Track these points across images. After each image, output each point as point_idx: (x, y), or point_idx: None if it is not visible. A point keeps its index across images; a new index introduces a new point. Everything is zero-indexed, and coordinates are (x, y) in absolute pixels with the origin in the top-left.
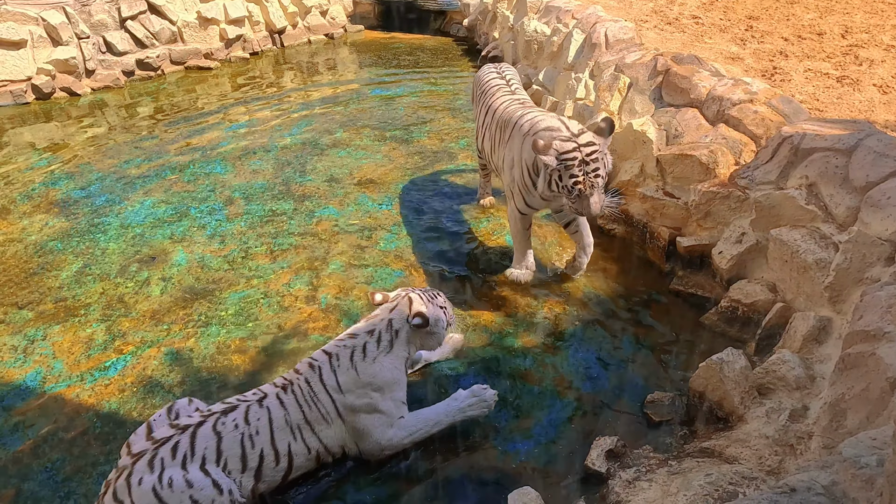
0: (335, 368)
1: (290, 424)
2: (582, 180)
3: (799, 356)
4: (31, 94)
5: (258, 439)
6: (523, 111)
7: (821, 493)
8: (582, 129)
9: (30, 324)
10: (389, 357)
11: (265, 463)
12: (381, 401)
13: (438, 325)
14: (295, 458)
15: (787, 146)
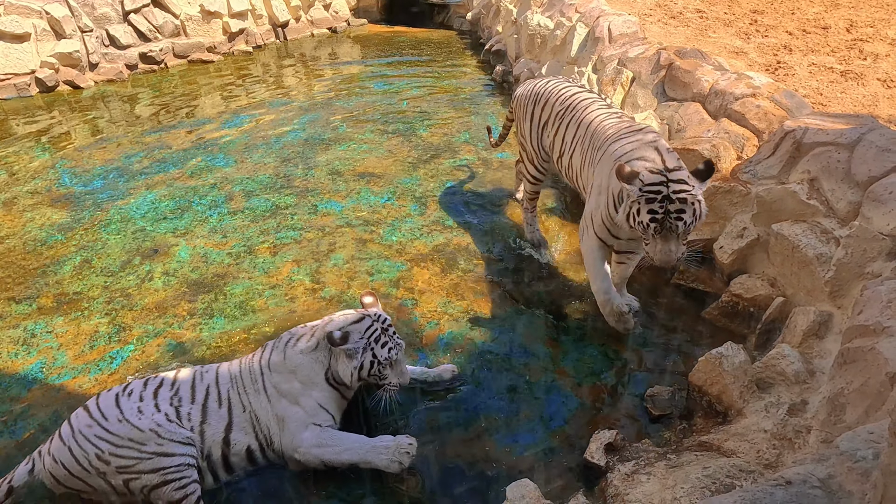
0: (273, 348)
1: (234, 382)
2: (661, 218)
3: (799, 351)
4: (35, 88)
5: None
6: (619, 132)
7: (817, 486)
8: (679, 165)
9: (33, 316)
10: (311, 356)
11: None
12: (302, 394)
13: (355, 357)
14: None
15: (790, 141)
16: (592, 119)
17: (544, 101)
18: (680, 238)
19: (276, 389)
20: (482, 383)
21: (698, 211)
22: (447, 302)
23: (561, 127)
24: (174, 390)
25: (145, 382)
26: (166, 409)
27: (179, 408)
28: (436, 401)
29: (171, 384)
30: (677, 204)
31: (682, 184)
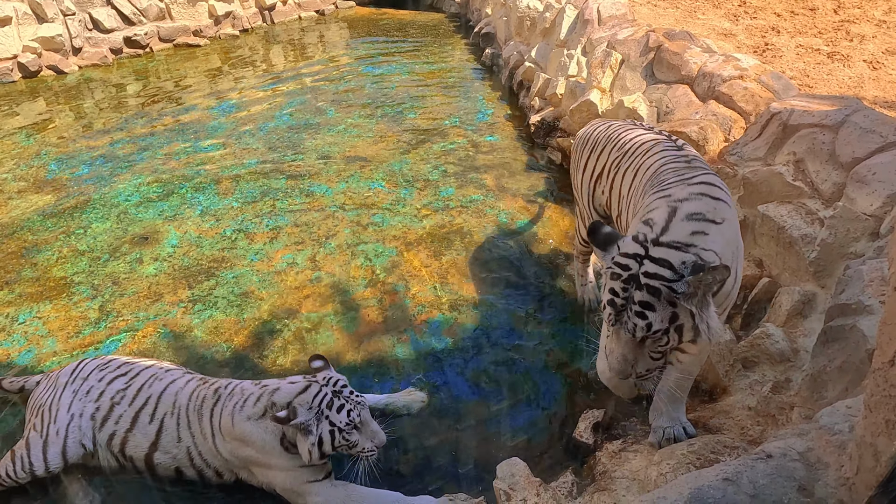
0: (223, 407)
1: (175, 412)
2: (619, 303)
3: (783, 330)
4: (18, 73)
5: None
6: (665, 182)
7: (796, 459)
8: (680, 242)
9: (21, 302)
10: (260, 424)
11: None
12: (267, 457)
13: (311, 433)
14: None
15: (776, 122)
16: (650, 164)
17: (599, 146)
18: (642, 348)
19: (235, 457)
20: (472, 365)
21: (683, 324)
22: (439, 286)
23: (616, 177)
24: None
25: (104, 367)
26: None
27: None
28: (424, 382)
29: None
30: (644, 294)
31: (663, 267)
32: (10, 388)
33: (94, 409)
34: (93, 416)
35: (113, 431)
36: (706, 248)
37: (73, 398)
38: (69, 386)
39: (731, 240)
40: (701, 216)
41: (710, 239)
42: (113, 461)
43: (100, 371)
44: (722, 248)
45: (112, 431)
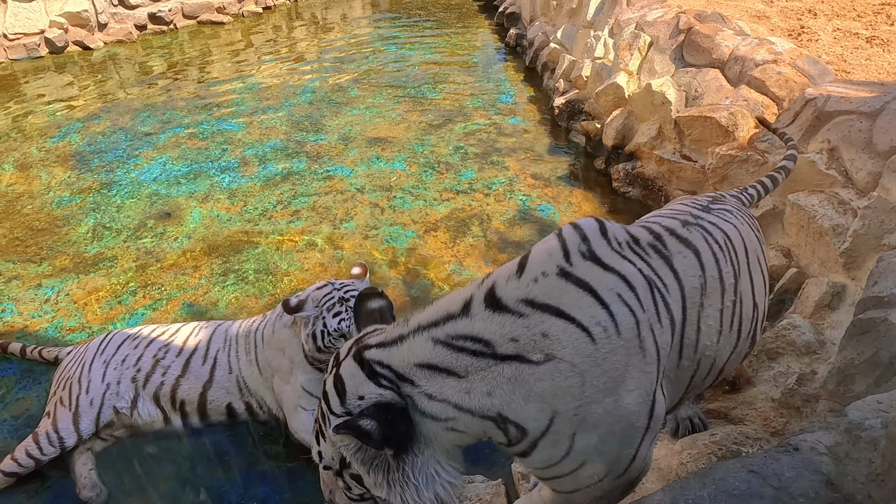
0: (266, 321)
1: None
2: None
3: (810, 321)
4: (45, 48)
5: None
6: None
7: (823, 453)
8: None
9: (49, 276)
10: (293, 330)
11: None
12: (290, 372)
13: (307, 325)
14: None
15: (811, 109)
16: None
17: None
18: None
19: (269, 365)
20: None
21: (363, 478)
22: (458, 269)
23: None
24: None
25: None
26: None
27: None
28: None
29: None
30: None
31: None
32: (48, 357)
33: (135, 373)
34: (133, 378)
35: (161, 382)
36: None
37: (107, 368)
38: (98, 357)
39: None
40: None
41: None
42: (157, 413)
43: (132, 340)
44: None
45: (160, 383)
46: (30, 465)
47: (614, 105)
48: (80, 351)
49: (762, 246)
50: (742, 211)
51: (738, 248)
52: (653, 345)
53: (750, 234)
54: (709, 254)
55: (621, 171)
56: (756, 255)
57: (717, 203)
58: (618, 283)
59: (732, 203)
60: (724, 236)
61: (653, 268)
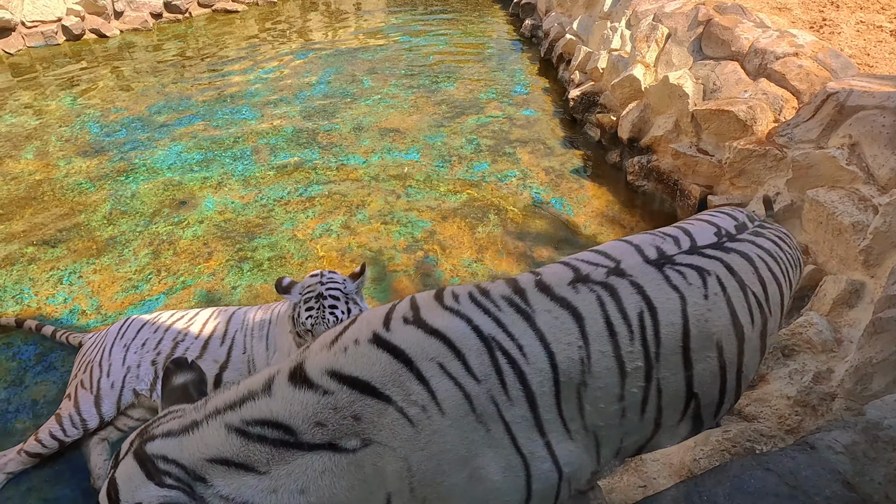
0: (283, 302)
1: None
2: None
3: (827, 319)
4: (62, 36)
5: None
6: None
7: (841, 452)
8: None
9: (66, 262)
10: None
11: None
12: (288, 353)
13: (295, 310)
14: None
15: (832, 103)
16: None
17: None
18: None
19: (274, 342)
20: None
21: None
22: (471, 260)
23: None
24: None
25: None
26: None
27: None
28: None
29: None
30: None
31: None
32: (73, 342)
33: (155, 356)
34: (153, 361)
35: None
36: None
37: (127, 352)
38: (118, 342)
39: None
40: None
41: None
42: None
43: (151, 325)
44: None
45: None
46: (53, 447)
47: (630, 98)
48: (101, 335)
49: (781, 298)
50: (779, 255)
51: (693, 323)
52: (498, 420)
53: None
54: (600, 324)
55: (636, 165)
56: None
57: (735, 242)
58: (440, 351)
59: (768, 238)
60: (648, 305)
61: (501, 324)
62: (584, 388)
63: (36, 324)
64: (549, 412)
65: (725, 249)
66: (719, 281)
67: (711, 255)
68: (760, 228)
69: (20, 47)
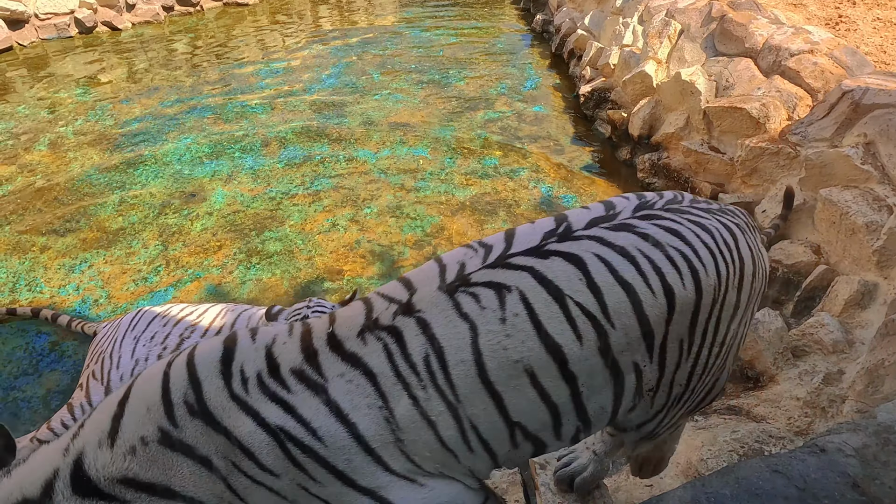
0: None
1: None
2: None
3: (839, 320)
4: (75, 28)
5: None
6: None
7: (851, 455)
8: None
9: (78, 253)
10: None
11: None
12: None
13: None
14: None
15: (847, 101)
16: None
17: None
18: None
19: None
20: None
21: None
22: None
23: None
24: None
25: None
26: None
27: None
28: None
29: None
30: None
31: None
32: (88, 332)
33: (162, 350)
34: (160, 355)
35: None
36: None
37: (136, 344)
38: (129, 333)
39: None
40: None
41: None
42: None
43: (161, 318)
44: None
45: None
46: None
47: (642, 94)
48: (113, 326)
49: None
50: (676, 248)
51: (487, 356)
52: (315, 498)
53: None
54: (391, 378)
55: (647, 162)
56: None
57: (569, 241)
58: (230, 450)
59: (669, 227)
60: (433, 347)
61: (291, 408)
62: (402, 443)
63: (52, 313)
64: (373, 476)
65: (543, 254)
66: (522, 297)
67: (520, 264)
68: (670, 212)
69: (33, 39)
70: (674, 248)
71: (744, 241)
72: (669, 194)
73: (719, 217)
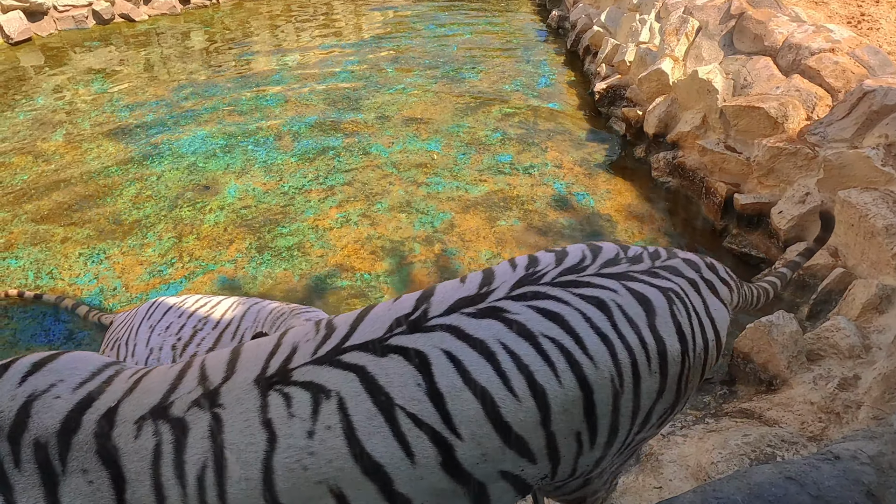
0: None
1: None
2: None
3: (856, 324)
4: (92, 20)
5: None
6: None
7: (866, 463)
8: None
9: (93, 243)
10: None
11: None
12: None
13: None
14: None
15: (868, 101)
16: None
17: None
18: None
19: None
20: None
21: None
22: (490, 254)
23: None
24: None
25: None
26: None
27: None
28: None
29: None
30: None
31: None
32: (105, 322)
33: (176, 340)
34: (173, 346)
35: (195, 354)
36: None
37: (151, 333)
38: (145, 322)
39: None
40: None
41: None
42: None
43: (176, 309)
44: None
45: (194, 354)
46: None
47: (658, 92)
48: (130, 314)
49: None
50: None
51: (281, 475)
52: None
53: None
54: (146, 487)
55: (661, 161)
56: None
57: (422, 333)
58: None
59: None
60: (215, 458)
61: (12, 501)
62: None
63: (72, 303)
64: None
65: (383, 349)
66: (341, 407)
67: (350, 362)
68: (562, 287)
69: (52, 31)
70: (549, 339)
71: (668, 316)
72: (610, 250)
73: (645, 283)
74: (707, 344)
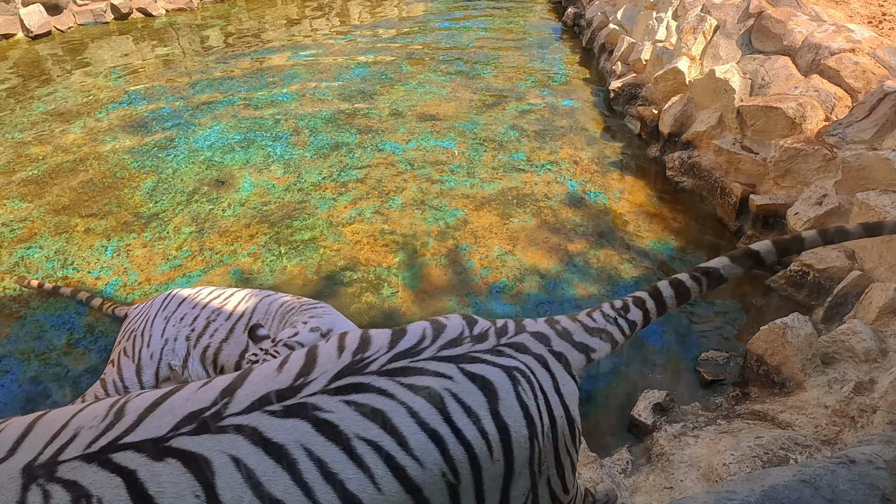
0: (296, 305)
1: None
2: None
3: (872, 328)
4: (110, 14)
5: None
6: None
7: (882, 468)
8: None
9: (110, 235)
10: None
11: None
12: None
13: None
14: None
15: (889, 102)
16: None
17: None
18: None
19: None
20: None
21: None
22: (504, 251)
23: None
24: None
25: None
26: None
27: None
28: None
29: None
30: None
31: None
32: (119, 314)
33: (190, 332)
34: (188, 337)
35: (207, 344)
36: None
37: (167, 324)
38: (160, 313)
39: None
40: None
41: None
42: (203, 374)
43: (191, 300)
44: None
45: (207, 344)
46: None
47: (673, 91)
48: (146, 305)
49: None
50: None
51: None
52: None
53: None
54: None
55: (676, 160)
56: None
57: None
58: None
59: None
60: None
61: None
62: None
63: (87, 295)
64: None
65: (160, 452)
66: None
67: (119, 464)
68: (393, 374)
69: (71, 25)
70: (364, 441)
71: (513, 399)
72: (454, 328)
73: (488, 364)
74: (555, 421)
